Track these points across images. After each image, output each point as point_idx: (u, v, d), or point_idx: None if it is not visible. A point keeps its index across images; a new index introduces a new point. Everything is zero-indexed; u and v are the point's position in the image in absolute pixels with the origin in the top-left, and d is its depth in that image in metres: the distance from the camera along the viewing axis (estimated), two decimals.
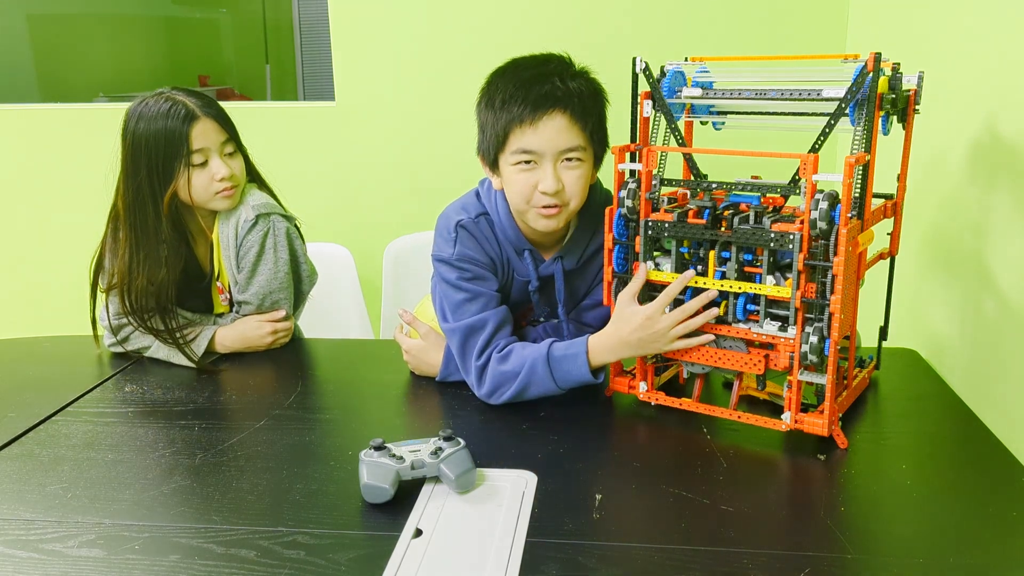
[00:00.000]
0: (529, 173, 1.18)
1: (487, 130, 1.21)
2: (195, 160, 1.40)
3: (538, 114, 1.15)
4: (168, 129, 1.38)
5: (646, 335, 1.12)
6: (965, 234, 1.33)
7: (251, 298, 1.48)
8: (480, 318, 1.22)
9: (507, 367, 1.19)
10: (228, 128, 1.44)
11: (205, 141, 1.40)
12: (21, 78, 3.63)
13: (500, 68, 1.24)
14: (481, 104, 1.23)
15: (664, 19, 2.12)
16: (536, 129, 1.15)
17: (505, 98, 1.17)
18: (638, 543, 0.87)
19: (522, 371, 1.17)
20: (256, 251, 1.46)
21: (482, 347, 1.21)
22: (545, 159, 1.17)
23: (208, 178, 1.41)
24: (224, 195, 1.43)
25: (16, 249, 2.48)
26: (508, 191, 1.23)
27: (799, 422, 1.07)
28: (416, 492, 0.97)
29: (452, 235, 1.26)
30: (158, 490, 1.00)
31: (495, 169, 1.23)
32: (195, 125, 1.38)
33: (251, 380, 1.37)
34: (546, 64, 1.20)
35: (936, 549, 0.86)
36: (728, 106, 1.20)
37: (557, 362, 1.17)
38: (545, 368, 1.17)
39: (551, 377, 1.17)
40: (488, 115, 1.20)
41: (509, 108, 1.16)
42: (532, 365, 1.17)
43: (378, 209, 2.31)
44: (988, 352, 1.24)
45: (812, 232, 1.00)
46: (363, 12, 2.20)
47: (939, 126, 1.41)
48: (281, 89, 4.38)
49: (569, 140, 1.17)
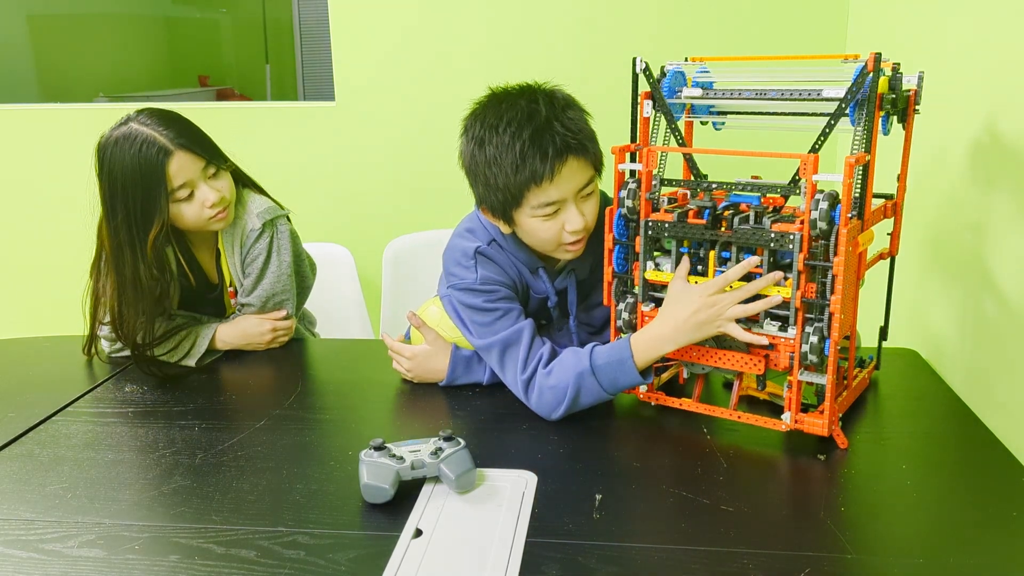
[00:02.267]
0: (553, 220, 1.17)
1: (495, 191, 1.16)
2: (180, 195, 1.36)
3: (555, 167, 1.13)
4: (143, 168, 1.32)
5: (706, 316, 1.07)
6: (965, 234, 1.33)
7: (254, 300, 1.48)
8: (515, 330, 1.20)
9: (554, 382, 1.15)
10: (205, 152, 1.38)
11: (185, 175, 1.35)
12: (21, 78, 3.63)
13: (485, 121, 1.17)
14: (475, 159, 1.17)
15: (664, 19, 2.12)
16: (556, 183, 1.14)
17: (515, 160, 1.13)
18: (638, 543, 0.87)
19: (570, 385, 1.14)
20: (263, 259, 1.46)
21: (524, 359, 1.19)
22: (567, 202, 1.16)
23: (199, 206, 1.38)
24: (218, 218, 1.41)
25: (16, 249, 2.48)
26: (530, 239, 1.21)
27: (799, 422, 1.07)
28: (416, 492, 0.97)
29: (471, 261, 1.24)
30: (158, 490, 1.00)
31: (508, 221, 1.20)
32: (171, 162, 1.32)
33: (251, 380, 1.37)
34: (535, 109, 1.14)
35: (936, 549, 0.86)
36: (728, 106, 1.20)
37: (602, 371, 1.14)
38: (592, 379, 1.14)
39: (599, 386, 1.14)
40: (494, 176, 1.15)
41: (523, 171, 1.13)
42: (579, 379, 1.14)
43: (378, 209, 2.31)
44: (988, 352, 1.24)
45: (812, 232, 1.00)
46: (363, 12, 2.20)
47: (939, 126, 1.41)
48: (281, 89, 4.38)
49: (585, 177, 1.16)
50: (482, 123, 1.16)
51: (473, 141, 1.17)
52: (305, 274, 1.54)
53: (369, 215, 2.31)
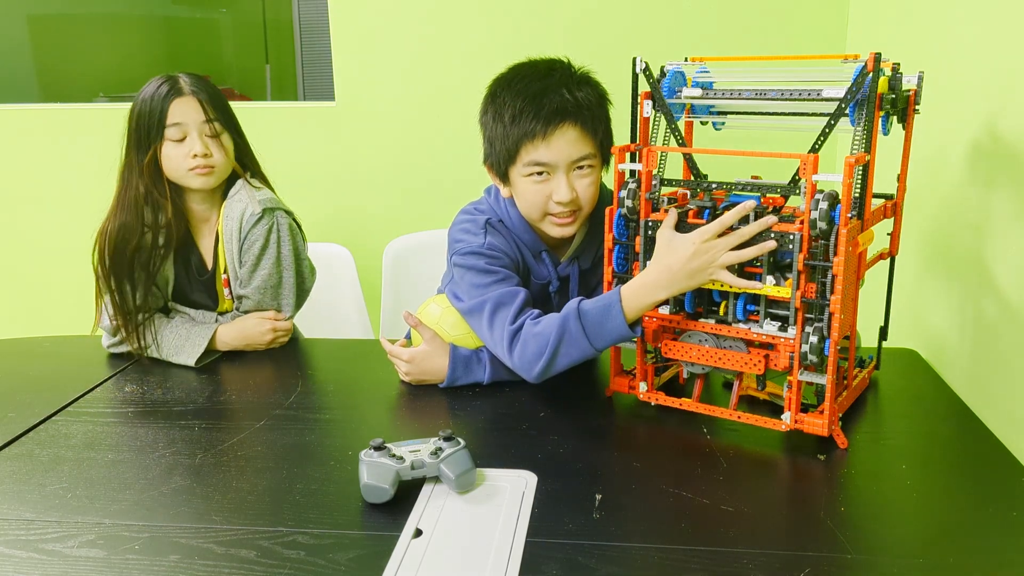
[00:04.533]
0: (542, 184, 1.19)
1: (496, 143, 1.21)
2: (173, 135, 1.42)
3: (550, 128, 1.16)
4: (152, 101, 1.42)
5: (699, 263, 1.04)
6: (965, 234, 1.33)
7: (252, 293, 1.48)
8: (510, 291, 1.21)
9: (539, 329, 1.14)
10: (215, 109, 1.45)
11: (183, 117, 1.42)
12: (21, 78, 3.63)
13: (503, 78, 1.23)
14: (487, 116, 1.23)
15: (664, 19, 2.12)
16: (548, 143, 1.16)
17: (515, 113, 1.17)
18: (638, 543, 0.87)
19: (554, 331, 1.12)
20: (260, 245, 1.47)
21: (515, 313, 1.18)
22: (558, 170, 1.18)
23: (183, 154, 1.42)
24: (197, 172, 1.43)
25: (16, 249, 2.48)
26: (521, 202, 1.23)
27: (799, 422, 1.07)
28: (416, 492, 0.97)
29: (481, 229, 1.27)
30: (158, 490, 1.00)
31: (505, 180, 1.23)
32: (176, 100, 1.41)
33: (251, 380, 1.37)
34: (551, 74, 1.20)
35: (936, 549, 0.86)
36: (728, 106, 1.20)
37: (588, 315, 1.10)
38: (577, 325, 1.10)
39: (584, 335, 1.10)
40: (497, 128, 1.20)
41: (519, 123, 1.16)
42: (564, 323, 1.12)
43: (378, 209, 2.31)
44: (988, 352, 1.24)
45: (812, 232, 1.00)
46: (363, 12, 2.20)
47: (939, 126, 1.41)
48: (281, 89, 4.37)
49: (580, 150, 1.18)
50: (501, 80, 1.23)
51: (489, 95, 1.23)
52: (304, 276, 1.54)
53: (369, 215, 2.31)
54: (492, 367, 1.26)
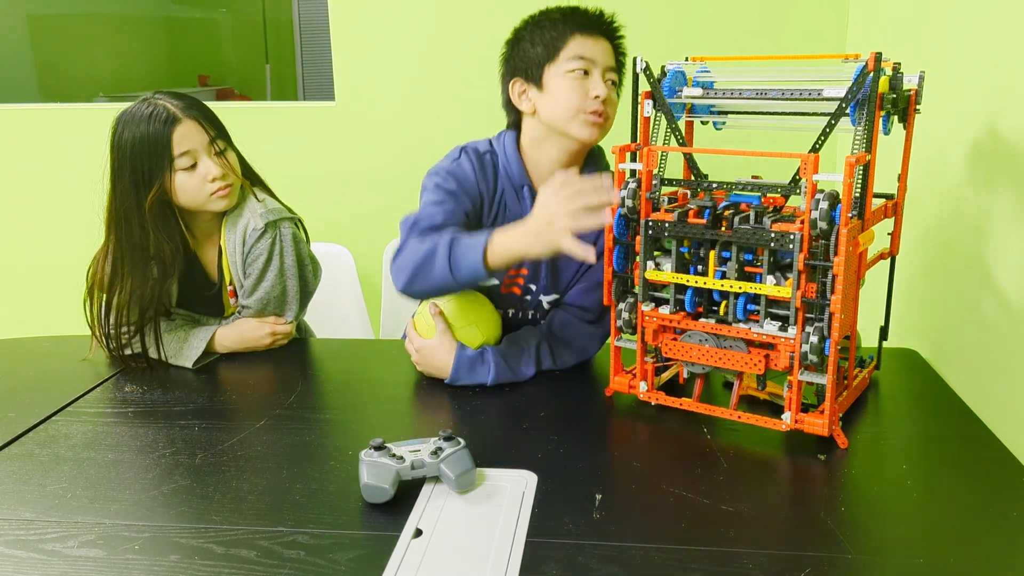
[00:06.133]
0: (582, 81, 1.27)
1: (536, 46, 1.29)
2: (183, 164, 1.36)
3: (597, 26, 1.29)
4: (150, 134, 1.34)
5: (545, 217, 1.10)
6: (965, 234, 1.33)
7: (253, 303, 1.47)
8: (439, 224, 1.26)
9: (420, 244, 1.20)
10: (213, 127, 1.41)
11: (190, 143, 1.36)
12: (21, 78, 3.64)
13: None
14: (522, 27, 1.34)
15: (664, 19, 2.12)
16: (595, 40, 1.27)
17: (566, 12, 1.28)
18: (638, 543, 0.87)
19: (426, 249, 1.18)
20: (264, 259, 1.45)
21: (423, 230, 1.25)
22: (596, 68, 1.27)
23: (200, 180, 1.38)
24: (220, 195, 1.40)
25: (16, 249, 2.48)
26: (556, 100, 1.28)
27: (799, 422, 1.07)
28: (416, 492, 0.97)
29: (456, 155, 1.35)
30: (158, 490, 1.00)
31: (539, 84, 1.30)
32: (176, 128, 1.35)
33: (251, 380, 1.37)
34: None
35: (936, 549, 0.86)
36: (729, 106, 1.20)
37: (456, 244, 1.17)
38: (446, 251, 1.17)
39: (448, 261, 1.16)
40: (536, 33, 1.30)
41: (570, 19, 1.27)
42: (436, 245, 1.18)
43: (378, 209, 2.31)
44: (988, 352, 1.24)
45: (812, 232, 1.00)
46: (363, 12, 2.20)
47: (940, 126, 1.41)
48: (281, 89, 4.38)
49: (612, 62, 1.30)
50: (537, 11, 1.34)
51: (527, 21, 1.34)
52: (308, 279, 1.53)
53: (369, 215, 2.31)
54: (496, 369, 1.26)
